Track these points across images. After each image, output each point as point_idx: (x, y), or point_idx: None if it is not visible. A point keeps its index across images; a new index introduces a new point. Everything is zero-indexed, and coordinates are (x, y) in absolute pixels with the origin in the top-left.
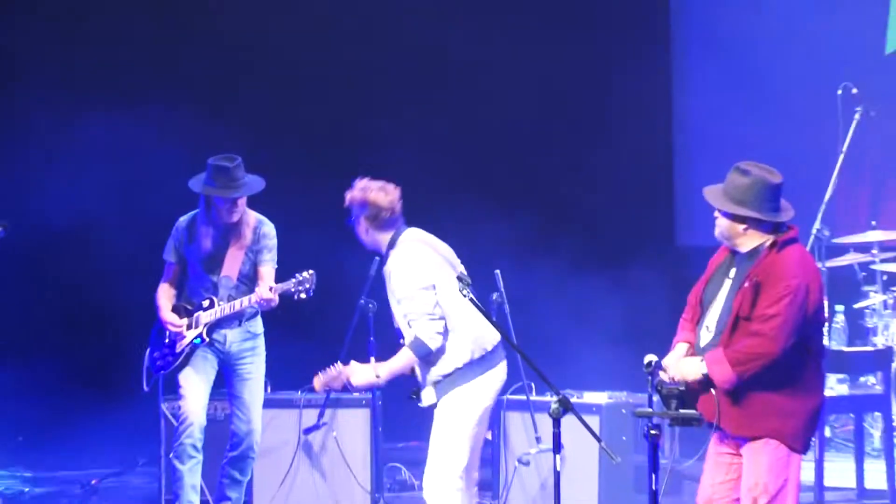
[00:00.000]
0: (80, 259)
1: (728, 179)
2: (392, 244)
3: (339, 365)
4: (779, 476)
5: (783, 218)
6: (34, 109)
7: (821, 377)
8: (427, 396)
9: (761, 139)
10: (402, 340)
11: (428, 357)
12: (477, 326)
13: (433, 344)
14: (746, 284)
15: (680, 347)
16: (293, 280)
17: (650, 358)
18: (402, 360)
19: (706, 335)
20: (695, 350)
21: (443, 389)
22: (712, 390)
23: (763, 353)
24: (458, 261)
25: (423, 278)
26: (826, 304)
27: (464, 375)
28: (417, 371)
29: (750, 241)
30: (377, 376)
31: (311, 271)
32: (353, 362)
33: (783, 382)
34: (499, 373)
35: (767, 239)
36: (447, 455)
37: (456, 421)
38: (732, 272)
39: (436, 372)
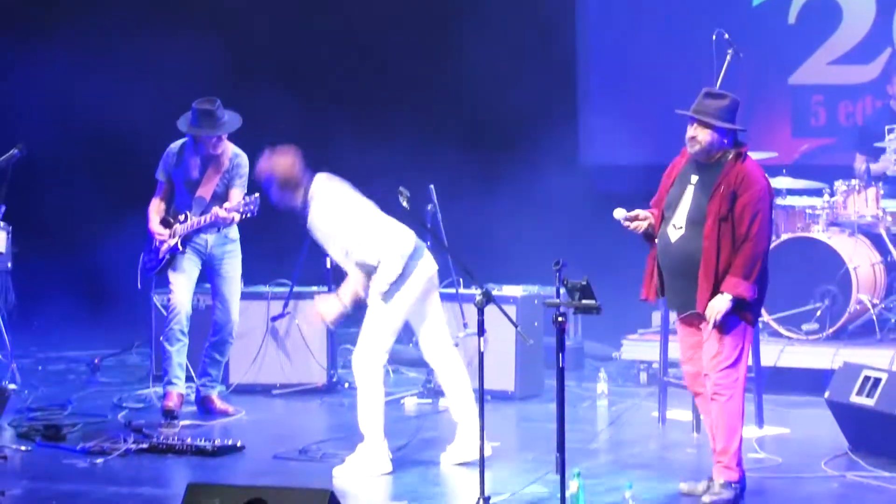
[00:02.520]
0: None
1: (706, 102)
2: (307, 197)
3: (315, 304)
4: (736, 346)
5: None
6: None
7: (767, 263)
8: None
9: (653, 74)
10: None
11: (372, 270)
12: (397, 233)
13: (372, 260)
14: (722, 190)
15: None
16: (241, 202)
17: (619, 213)
18: (355, 279)
19: (676, 232)
20: (664, 243)
21: (389, 295)
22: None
23: (759, 252)
24: None
25: (344, 213)
26: None
27: (402, 279)
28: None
29: (723, 153)
30: (343, 303)
31: (256, 195)
32: (317, 298)
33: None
34: (425, 264)
35: (730, 151)
36: (376, 336)
37: (388, 310)
38: (694, 179)
39: (381, 283)
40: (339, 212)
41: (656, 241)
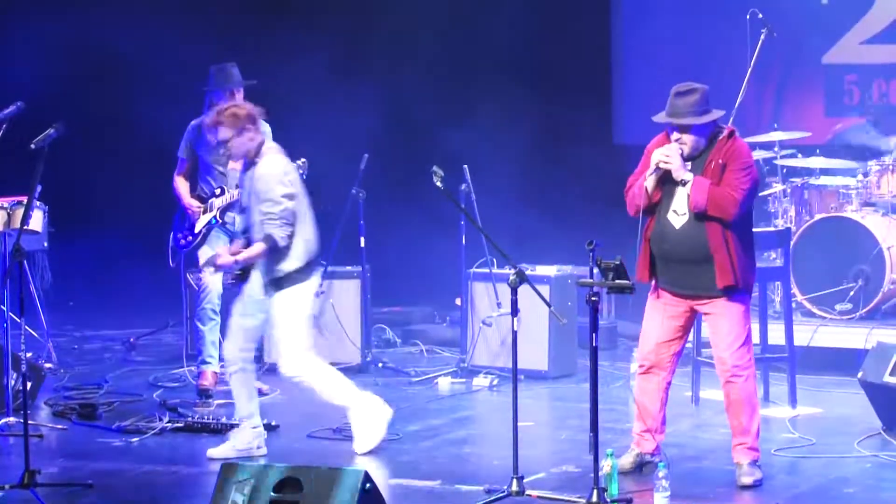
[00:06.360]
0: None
1: (678, 102)
2: (259, 150)
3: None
4: (745, 324)
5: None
6: None
7: (753, 246)
8: (266, 289)
9: (687, 55)
10: (251, 235)
11: (275, 254)
12: (312, 235)
13: (282, 242)
14: (712, 165)
15: None
16: None
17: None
18: (256, 250)
19: (679, 217)
20: (665, 229)
21: (282, 285)
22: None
23: (729, 208)
24: None
25: (289, 187)
26: None
27: (300, 274)
28: (259, 265)
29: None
30: (236, 261)
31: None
32: (221, 249)
33: (743, 245)
34: (317, 278)
35: (719, 131)
36: (297, 335)
37: (297, 310)
38: (687, 166)
39: (282, 268)
40: (287, 177)
41: (653, 226)
